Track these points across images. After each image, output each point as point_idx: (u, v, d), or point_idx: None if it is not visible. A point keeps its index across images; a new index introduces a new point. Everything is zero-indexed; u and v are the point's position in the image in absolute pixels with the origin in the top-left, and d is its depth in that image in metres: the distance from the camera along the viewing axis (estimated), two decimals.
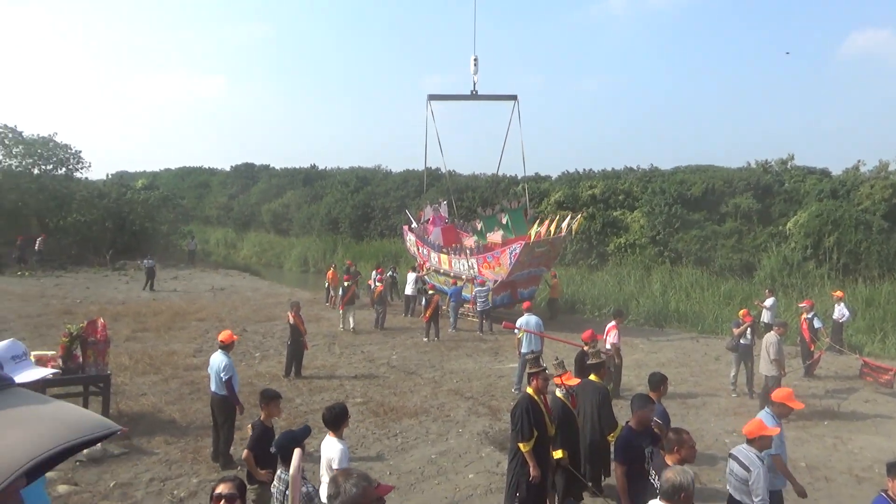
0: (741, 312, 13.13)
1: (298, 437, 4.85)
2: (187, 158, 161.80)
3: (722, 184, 28.41)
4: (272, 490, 4.95)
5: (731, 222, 26.91)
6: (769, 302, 16.92)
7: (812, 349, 14.33)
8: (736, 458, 5.28)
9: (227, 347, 8.72)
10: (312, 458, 7.36)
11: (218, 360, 8.57)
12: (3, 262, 28.01)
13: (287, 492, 4.43)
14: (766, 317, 16.46)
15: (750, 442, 5.29)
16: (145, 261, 26.04)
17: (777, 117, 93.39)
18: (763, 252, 24.94)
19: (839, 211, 23.67)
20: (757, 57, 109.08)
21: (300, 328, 13.13)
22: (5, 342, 2.00)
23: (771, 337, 11.38)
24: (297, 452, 4.11)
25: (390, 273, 23.90)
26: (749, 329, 12.55)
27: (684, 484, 3.96)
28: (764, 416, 5.90)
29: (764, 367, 11.31)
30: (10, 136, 35.97)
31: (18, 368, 1.94)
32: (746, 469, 5.12)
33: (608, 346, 12.01)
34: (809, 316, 14.66)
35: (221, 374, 8.42)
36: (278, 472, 4.90)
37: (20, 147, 36.07)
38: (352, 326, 17.92)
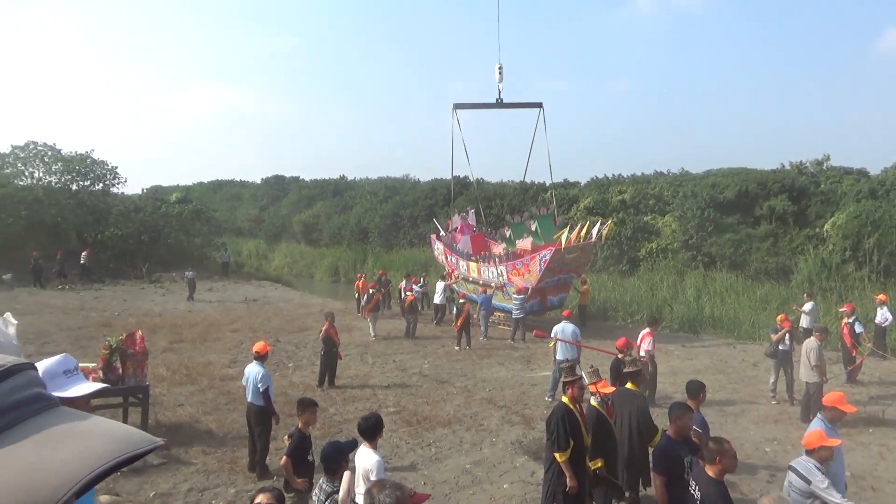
0: (779, 317, 12.86)
1: (345, 449, 4.85)
2: (219, 172, 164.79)
3: (756, 186, 27.86)
4: (312, 497, 4.96)
5: (765, 225, 26.36)
6: (808, 306, 16.53)
7: (854, 354, 13.97)
8: (795, 470, 5.15)
9: (261, 358, 8.82)
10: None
11: (255, 370, 8.67)
12: (44, 277, 28.79)
13: (327, 502, 4.45)
14: (805, 322, 16.07)
15: (809, 453, 5.17)
16: (187, 273, 27.41)
17: (812, 117, 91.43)
18: (800, 255, 24.37)
19: (879, 211, 23.01)
20: (789, 56, 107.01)
21: (334, 338, 13.23)
22: (58, 357, 2.05)
23: (811, 342, 11.11)
24: (346, 475, 4.13)
25: (422, 282, 23.90)
26: (788, 335, 12.27)
27: None
28: (821, 425, 5.67)
29: (804, 374, 11.05)
30: (50, 153, 37.19)
31: (70, 382, 1.99)
32: (806, 481, 5.00)
33: (642, 354, 11.86)
34: (850, 320, 14.30)
35: (259, 385, 8.51)
36: (320, 481, 4.91)
37: (59, 164, 37.24)
38: (373, 332, 18.36)
